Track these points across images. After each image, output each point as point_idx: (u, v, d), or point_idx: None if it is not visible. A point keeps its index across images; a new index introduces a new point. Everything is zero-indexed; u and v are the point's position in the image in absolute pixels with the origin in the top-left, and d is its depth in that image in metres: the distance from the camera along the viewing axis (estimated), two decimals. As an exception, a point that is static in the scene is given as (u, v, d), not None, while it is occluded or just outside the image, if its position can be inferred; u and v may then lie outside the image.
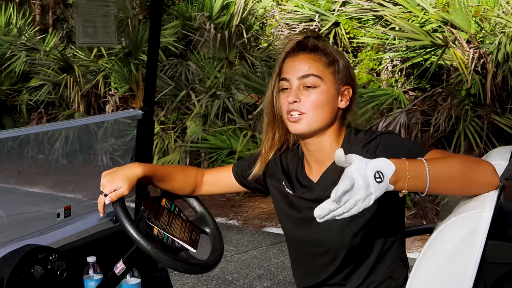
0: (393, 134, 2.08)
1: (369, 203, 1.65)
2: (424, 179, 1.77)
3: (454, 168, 1.83)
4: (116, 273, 2.32)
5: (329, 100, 2.08)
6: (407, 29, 6.99)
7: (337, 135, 2.14)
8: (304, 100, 2.07)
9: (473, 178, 1.85)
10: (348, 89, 2.12)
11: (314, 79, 2.06)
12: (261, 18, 9.46)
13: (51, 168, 9.72)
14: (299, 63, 2.09)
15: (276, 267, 5.55)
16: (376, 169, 1.66)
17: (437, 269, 1.81)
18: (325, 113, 2.08)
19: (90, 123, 7.51)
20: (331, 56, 2.10)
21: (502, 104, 6.62)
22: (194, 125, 8.31)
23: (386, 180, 1.68)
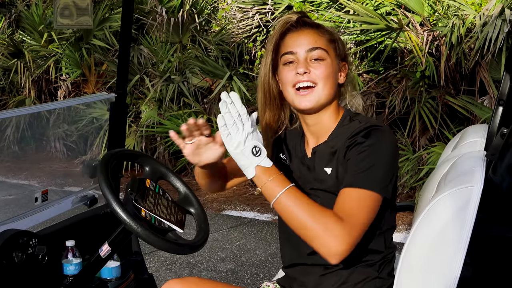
0: (378, 141, 2.02)
1: (225, 143, 1.91)
2: (270, 196, 1.93)
3: (298, 222, 1.90)
4: (102, 256, 2.31)
5: (334, 73, 2.15)
6: (362, 13, 7.05)
7: (335, 112, 2.19)
8: (313, 72, 2.11)
9: (309, 241, 1.91)
10: (345, 65, 2.21)
11: (321, 52, 2.12)
12: (212, 2, 9.42)
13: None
14: (304, 36, 2.15)
15: (238, 249, 5.58)
16: (259, 146, 1.90)
17: (431, 242, 1.86)
18: (331, 87, 2.14)
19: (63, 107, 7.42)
20: (332, 34, 2.19)
21: (456, 86, 6.74)
22: (149, 109, 8.25)
23: (255, 160, 1.90)
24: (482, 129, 2.69)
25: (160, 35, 8.86)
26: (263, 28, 8.25)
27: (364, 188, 1.95)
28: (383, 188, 1.97)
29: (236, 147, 1.90)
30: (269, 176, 1.92)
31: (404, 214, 6.05)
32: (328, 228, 1.86)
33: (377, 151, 2.00)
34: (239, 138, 1.89)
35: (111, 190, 2.09)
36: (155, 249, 5.26)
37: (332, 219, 1.87)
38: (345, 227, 1.86)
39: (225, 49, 8.53)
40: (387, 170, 1.99)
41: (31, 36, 9.92)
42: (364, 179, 1.96)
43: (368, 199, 1.95)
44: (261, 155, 1.91)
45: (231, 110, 1.89)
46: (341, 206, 1.94)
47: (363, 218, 1.92)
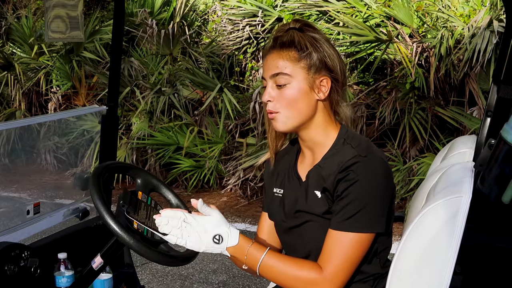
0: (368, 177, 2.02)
1: (193, 249, 2.02)
2: (254, 268, 2.03)
3: (283, 282, 2.02)
4: (94, 268, 2.32)
5: (302, 95, 2.10)
6: (351, 25, 7.10)
7: (327, 128, 2.16)
8: (277, 99, 2.11)
9: None
10: (325, 80, 2.11)
11: (283, 77, 2.09)
12: (203, 14, 9.45)
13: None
14: (270, 61, 2.13)
15: (230, 261, 5.55)
16: (217, 233, 1.99)
17: (420, 253, 1.88)
18: (300, 109, 2.11)
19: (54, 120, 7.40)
20: (304, 50, 2.10)
21: (445, 97, 6.79)
22: (139, 121, 8.26)
23: (223, 246, 2.00)
24: (471, 140, 2.71)
25: (150, 47, 8.88)
26: (254, 40, 8.28)
27: (352, 231, 2.00)
28: (374, 226, 2.01)
29: (201, 248, 2.02)
30: (244, 252, 2.01)
31: (395, 225, 6.05)
32: (313, 282, 1.98)
33: (366, 188, 2.00)
34: (196, 239, 2.00)
35: (103, 203, 2.10)
36: (147, 261, 5.26)
37: (312, 273, 2.00)
38: (326, 277, 1.98)
39: (215, 61, 8.56)
40: (379, 205, 2.01)
41: (21, 48, 9.92)
42: (352, 223, 2.00)
43: (356, 241, 2.00)
44: (223, 240, 2.00)
45: (173, 225, 1.99)
46: (327, 251, 2.02)
47: (350, 261, 2.00)
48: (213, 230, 2.00)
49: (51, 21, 2.58)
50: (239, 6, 8.49)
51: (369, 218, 1.99)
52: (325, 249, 2.03)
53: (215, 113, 8.01)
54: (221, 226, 2.01)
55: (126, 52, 8.94)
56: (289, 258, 2.05)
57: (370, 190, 2.00)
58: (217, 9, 9.13)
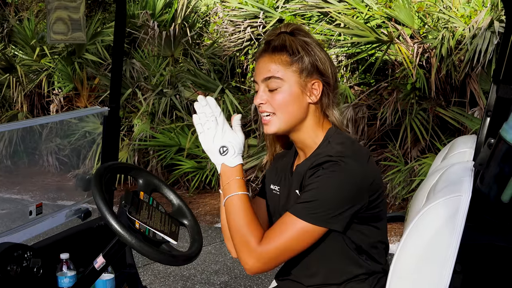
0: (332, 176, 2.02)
1: (202, 141, 2.10)
2: (224, 194, 2.12)
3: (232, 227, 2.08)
4: (96, 268, 2.34)
5: (294, 98, 2.12)
6: (352, 26, 7.11)
7: (316, 129, 2.18)
8: (270, 102, 2.13)
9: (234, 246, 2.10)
10: (316, 83, 2.13)
11: (275, 81, 2.12)
12: (204, 16, 9.47)
13: None
14: (262, 65, 2.15)
15: (232, 261, 5.59)
16: (227, 145, 2.07)
17: (421, 252, 1.89)
18: (292, 112, 2.13)
19: (56, 121, 7.43)
20: (295, 54, 2.11)
21: (447, 97, 6.79)
22: (141, 123, 8.27)
23: (220, 159, 2.09)
24: (471, 139, 2.73)
25: (152, 48, 8.90)
26: (255, 41, 8.30)
27: (298, 217, 2.01)
28: (324, 221, 2.00)
29: (207, 145, 2.09)
30: (230, 177, 2.09)
31: (396, 225, 6.08)
32: (248, 243, 2.03)
33: (326, 185, 2.01)
34: (210, 136, 2.07)
35: (106, 203, 2.11)
36: (149, 262, 5.28)
37: (254, 238, 2.03)
38: (258, 248, 2.01)
39: (217, 63, 8.57)
40: (336, 204, 2.00)
41: (23, 50, 9.95)
42: (302, 209, 2.02)
43: (299, 228, 2.01)
44: (227, 154, 2.07)
45: (205, 111, 2.07)
46: (273, 228, 2.06)
47: (288, 246, 2.02)
48: (226, 142, 2.08)
49: (53, 23, 2.59)
50: (240, 7, 8.51)
51: (322, 212, 2.00)
52: (273, 226, 2.08)
53: (217, 114, 8.00)
54: (234, 146, 2.08)
55: (127, 53, 8.96)
56: (252, 214, 2.08)
57: (332, 187, 2.01)
58: (219, 10, 9.15)
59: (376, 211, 2.12)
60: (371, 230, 2.14)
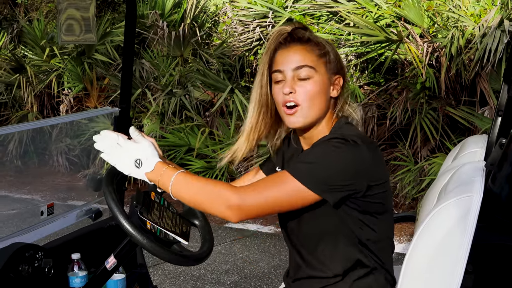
0: (335, 148, 2.02)
1: (120, 170, 2.11)
2: (167, 189, 2.08)
3: (193, 195, 2.05)
4: (108, 268, 2.34)
5: (322, 90, 2.12)
6: (362, 25, 7.11)
7: (328, 123, 2.19)
8: (299, 91, 2.11)
9: (205, 209, 2.07)
10: (339, 79, 2.17)
11: (308, 70, 2.10)
12: (213, 16, 9.48)
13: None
14: (292, 54, 2.13)
15: (241, 261, 5.60)
16: (138, 157, 2.09)
17: (432, 252, 1.89)
18: (319, 104, 2.13)
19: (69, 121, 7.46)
20: (323, 47, 2.14)
21: (456, 97, 6.78)
22: (151, 123, 8.29)
23: (142, 170, 2.09)
24: (482, 139, 2.72)
25: (161, 49, 8.91)
26: (264, 41, 8.29)
27: (292, 174, 1.99)
28: (318, 186, 1.97)
29: (127, 170, 2.11)
30: (158, 175, 2.08)
31: (406, 224, 6.07)
32: (219, 192, 2.00)
33: (327, 153, 2.01)
34: (123, 161, 2.10)
35: (117, 204, 2.11)
36: (159, 262, 5.29)
37: (223, 185, 2.03)
38: (239, 190, 2.00)
39: (226, 62, 8.58)
40: (333, 175, 1.98)
41: (33, 51, 9.98)
42: (297, 168, 2.01)
43: (289, 185, 1.99)
44: (143, 164, 2.09)
45: (105, 144, 2.14)
46: (260, 180, 2.08)
47: (270, 194, 1.99)
48: (136, 154, 2.10)
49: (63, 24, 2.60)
50: (249, 7, 8.51)
51: (318, 177, 1.98)
52: (265, 178, 2.11)
53: (226, 114, 8.02)
54: (144, 152, 2.10)
55: (137, 54, 8.97)
56: (202, 177, 2.08)
57: (334, 157, 2.00)
58: (228, 10, 9.16)
59: (378, 202, 2.10)
60: (373, 222, 2.13)
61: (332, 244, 2.15)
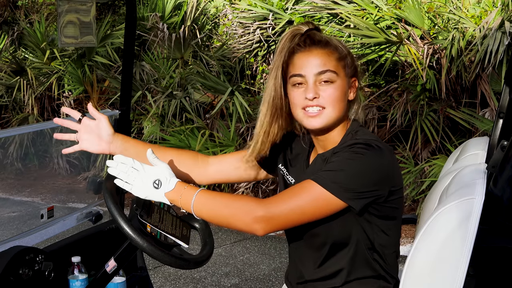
0: (360, 155, 2.01)
1: (136, 194, 2.11)
2: (189, 208, 2.07)
3: (217, 211, 2.04)
4: (108, 271, 2.34)
5: (343, 94, 2.12)
6: (362, 27, 7.10)
7: (344, 125, 2.19)
8: (322, 95, 2.10)
9: (230, 224, 2.05)
10: (355, 81, 2.18)
11: (331, 74, 2.09)
12: (213, 18, 9.47)
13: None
14: (313, 58, 2.11)
15: (242, 264, 5.59)
16: (157, 178, 2.08)
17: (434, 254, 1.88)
18: (341, 107, 2.12)
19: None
20: (342, 51, 2.13)
21: (457, 98, 6.77)
22: (151, 125, 8.29)
23: (161, 191, 2.07)
24: (483, 141, 2.71)
25: (161, 51, 8.91)
26: (264, 43, 8.29)
27: (318, 182, 1.97)
28: (344, 193, 1.96)
29: (143, 192, 2.10)
30: (179, 194, 2.07)
31: (407, 227, 6.06)
32: (243, 206, 2.00)
33: (353, 160, 2.00)
34: (140, 183, 2.09)
35: (117, 207, 2.11)
36: (159, 265, 5.28)
37: (247, 199, 2.02)
38: (264, 202, 1.99)
39: (226, 65, 8.57)
40: (358, 182, 1.98)
41: (34, 53, 9.98)
42: (323, 176, 1.99)
43: (315, 193, 1.97)
44: (162, 184, 2.08)
45: (121, 169, 2.11)
46: (284, 191, 2.05)
47: (296, 204, 1.98)
48: (154, 176, 2.09)
49: (64, 27, 2.59)
50: (249, 9, 8.50)
51: (343, 184, 1.96)
52: (289, 188, 2.08)
53: (227, 116, 8.02)
54: (163, 173, 2.10)
55: (137, 56, 8.97)
56: (225, 193, 2.09)
57: (360, 164, 1.99)
58: (228, 12, 9.15)
59: (394, 208, 2.11)
60: (388, 227, 2.13)
61: (345, 250, 2.14)
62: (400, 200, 2.11)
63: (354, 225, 2.09)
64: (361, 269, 2.14)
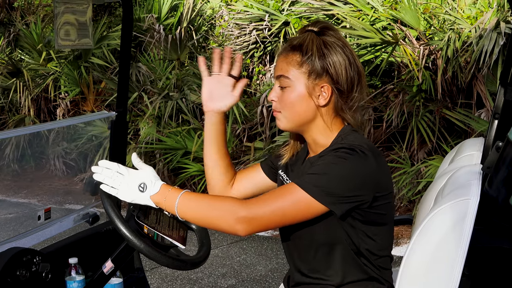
0: (344, 160, 2.01)
1: (122, 198, 2.13)
2: (173, 209, 2.10)
3: (200, 212, 2.08)
4: (105, 272, 2.35)
5: (300, 99, 2.14)
6: (357, 27, 7.11)
7: (328, 129, 2.16)
8: (279, 99, 2.18)
9: (213, 224, 2.07)
10: (325, 87, 2.11)
11: (284, 80, 2.15)
12: (209, 19, 9.48)
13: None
14: (278, 62, 2.20)
15: (238, 265, 5.60)
16: (142, 181, 2.12)
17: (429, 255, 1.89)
18: (298, 112, 2.15)
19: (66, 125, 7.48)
20: (308, 55, 2.10)
21: (453, 99, 6.78)
22: (147, 126, 8.29)
23: (147, 194, 2.11)
24: (479, 142, 2.72)
25: (158, 52, 8.92)
26: (260, 44, 8.30)
27: (300, 186, 1.99)
28: (325, 198, 1.96)
29: (129, 198, 2.13)
30: (164, 197, 2.10)
31: (403, 227, 6.08)
32: (226, 207, 2.02)
33: (335, 164, 2.00)
34: (125, 187, 2.12)
35: (114, 208, 2.12)
36: (156, 266, 5.29)
37: (230, 200, 2.04)
38: (246, 203, 2.01)
39: (222, 66, 8.56)
40: (340, 187, 1.98)
41: (30, 55, 9.97)
42: (306, 180, 2.00)
43: (297, 196, 1.98)
44: (147, 187, 2.12)
45: (106, 174, 2.15)
46: (271, 191, 2.08)
47: (278, 206, 2.00)
48: (139, 179, 2.13)
49: (60, 29, 2.60)
50: (246, 10, 8.52)
51: (326, 188, 1.97)
52: (272, 190, 2.09)
53: (223, 117, 8.00)
54: (148, 177, 2.14)
55: (133, 57, 8.97)
56: (208, 195, 2.13)
57: (343, 168, 1.99)
58: (224, 13, 9.16)
59: (381, 214, 2.10)
60: (374, 233, 2.12)
61: (332, 254, 2.14)
62: (388, 205, 2.10)
63: (338, 229, 2.09)
64: (353, 272, 2.14)
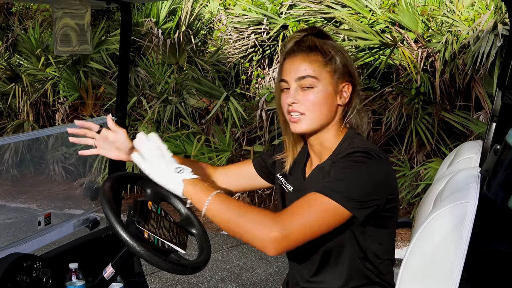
0: (360, 164, 2.01)
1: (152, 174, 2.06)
2: (201, 205, 1.99)
3: (231, 220, 1.96)
4: (105, 277, 2.35)
5: (326, 99, 2.13)
6: (357, 29, 7.12)
7: (337, 132, 2.19)
8: (302, 101, 2.13)
9: (245, 238, 1.96)
10: (347, 86, 2.16)
11: (311, 80, 2.12)
12: (208, 23, 9.49)
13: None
14: (297, 64, 2.14)
15: (239, 268, 5.60)
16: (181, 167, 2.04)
17: (428, 258, 1.90)
18: (324, 112, 2.14)
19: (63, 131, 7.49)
20: (328, 55, 2.13)
21: (451, 101, 6.80)
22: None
23: (181, 176, 2.02)
24: (477, 145, 2.73)
25: (156, 56, 8.93)
26: (259, 47, 8.31)
27: (323, 193, 1.95)
28: (348, 202, 1.94)
29: (163, 174, 2.05)
30: (197, 187, 2.01)
31: (402, 230, 6.08)
32: (258, 221, 1.90)
33: (354, 170, 2.00)
34: (163, 167, 2.05)
35: (115, 213, 2.12)
36: (157, 270, 5.29)
37: (263, 214, 1.92)
38: (278, 220, 1.90)
39: (221, 70, 8.59)
40: (360, 192, 1.97)
41: (28, 60, 9.98)
42: (327, 187, 1.97)
43: (322, 204, 1.94)
44: (185, 171, 2.03)
45: (148, 147, 2.07)
46: (294, 204, 1.98)
47: (307, 218, 1.92)
48: (175, 164, 2.06)
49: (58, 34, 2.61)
50: (244, 14, 8.53)
51: (346, 193, 1.94)
52: (295, 203, 1.99)
53: (222, 121, 8.03)
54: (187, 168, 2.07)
55: (132, 62, 8.98)
56: (241, 202, 2.01)
57: (361, 174, 1.99)
58: (222, 17, 9.17)
59: (391, 216, 2.12)
60: (381, 236, 2.14)
61: (338, 258, 2.15)
62: (395, 208, 2.12)
63: (347, 234, 2.10)
64: (356, 277, 2.15)
